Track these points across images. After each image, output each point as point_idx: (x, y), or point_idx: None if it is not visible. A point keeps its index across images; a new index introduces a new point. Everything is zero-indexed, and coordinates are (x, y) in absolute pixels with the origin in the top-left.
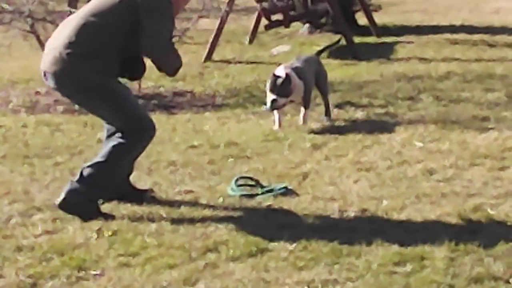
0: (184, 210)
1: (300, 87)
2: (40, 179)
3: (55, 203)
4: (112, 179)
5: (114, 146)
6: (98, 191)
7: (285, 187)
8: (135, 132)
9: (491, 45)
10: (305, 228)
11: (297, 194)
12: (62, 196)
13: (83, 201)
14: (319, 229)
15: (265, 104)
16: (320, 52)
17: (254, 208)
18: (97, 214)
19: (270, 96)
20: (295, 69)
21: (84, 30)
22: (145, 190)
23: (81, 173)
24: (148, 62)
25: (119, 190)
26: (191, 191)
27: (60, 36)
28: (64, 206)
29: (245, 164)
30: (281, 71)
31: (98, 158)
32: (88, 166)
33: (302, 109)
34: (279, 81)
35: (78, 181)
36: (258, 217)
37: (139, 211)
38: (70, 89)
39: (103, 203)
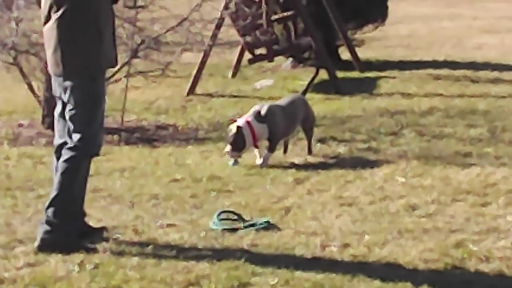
0: (166, 244)
1: (263, 132)
2: (22, 212)
3: (34, 245)
4: (75, 206)
5: (62, 174)
6: (69, 223)
7: (267, 222)
8: (87, 143)
9: (474, 81)
10: (287, 263)
11: (279, 229)
12: (38, 240)
13: (60, 237)
14: (301, 264)
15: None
16: (305, 91)
17: (236, 242)
18: (77, 245)
19: (226, 148)
20: (258, 116)
21: None
22: (101, 228)
23: (46, 214)
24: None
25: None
26: (173, 225)
27: None
28: (43, 247)
29: (227, 198)
30: (239, 121)
31: (53, 193)
32: (49, 206)
33: (265, 150)
34: (231, 135)
35: (47, 222)
36: (240, 251)
37: (121, 244)
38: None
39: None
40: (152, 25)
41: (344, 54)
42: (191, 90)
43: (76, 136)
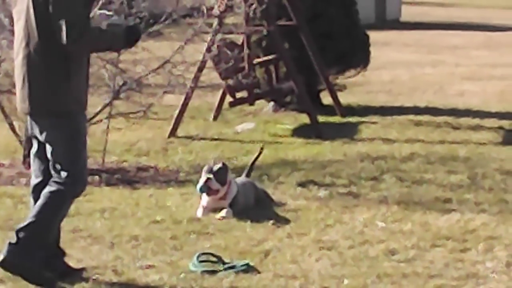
0: (145, 285)
1: (232, 189)
2: (3, 251)
3: None
4: (48, 238)
5: (45, 204)
6: (38, 251)
7: (247, 264)
8: (73, 181)
9: (455, 127)
10: None
11: (258, 271)
12: (2, 256)
13: (26, 263)
14: None
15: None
16: (249, 172)
17: (216, 284)
18: (40, 276)
19: (204, 176)
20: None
21: None
22: (81, 269)
23: (17, 236)
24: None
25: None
26: (153, 266)
27: None
28: (5, 265)
29: (207, 240)
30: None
31: (30, 219)
32: (22, 230)
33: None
34: (217, 166)
35: (16, 243)
36: None
37: (101, 285)
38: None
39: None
40: (134, 66)
41: (326, 98)
42: (173, 132)
43: (63, 174)
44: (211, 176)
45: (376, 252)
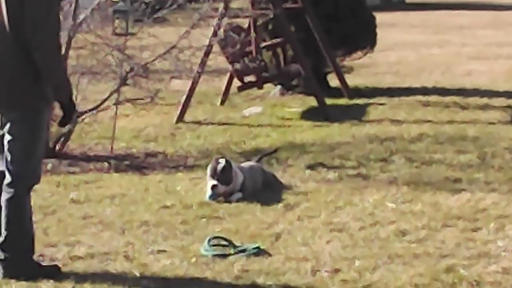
0: (157, 270)
1: (239, 178)
2: None
3: None
4: (28, 238)
5: (8, 214)
6: (26, 253)
7: (258, 247)
8: (24, 177)
9: (463, 107)
10: None
11: (269, 255)
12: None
13: (23, 271)
14: None
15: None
16: (260, 158)
17: (227, 268)
18: (46, 271)
19: (210, 182)
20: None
21: None
22: (54, 266)
23: (4, 254)
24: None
25: None
26: (164, 251)
27: None
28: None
29: (217, 224)
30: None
31: (4, 233)
32: (2, 245)
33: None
34: (220, 166)
35: (5, 259)
36: (231, 276)
37: (112, 271)
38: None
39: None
40: (141, 52)
41: (333, 81)
42: (180, 118)
43: (13, 170)
44: (216, 182)
45: (387, 233)
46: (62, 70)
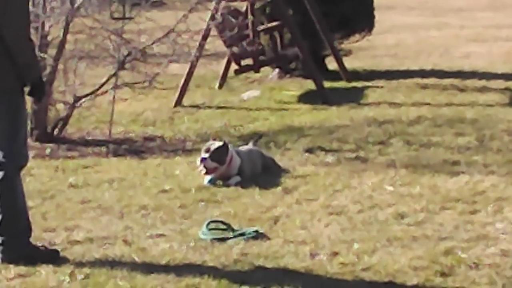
0: (156, 254)
1: (236, 162)
2: None
3: None
4: (23, 219)
5: (0, 196)
6: (23, 235)
7: (256, 231)
8: (13, 158)
9: (462, 90)
10: (277, 272)
11: (268, 238)
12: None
13: (22, 254)
14: (291, 273)
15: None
16: (256, 141)
17: (226, 252)
18: (45, 255)
19: (199, 157)
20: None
21: None
22: (53, 250)
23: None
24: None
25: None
26: (162, 235)
27: None
28: (5, 262)
29: (216, 208)
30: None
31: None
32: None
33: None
34: (215, 145)
35: (2, 243)
36: (229, 260)
37: (111, 255)
38: None
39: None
40: (138, 36)
41: (331, 64)
42: (178, 102)
43: (1, 152)
44: (206, 155)
45: (386, 216)
46: (31, 48)
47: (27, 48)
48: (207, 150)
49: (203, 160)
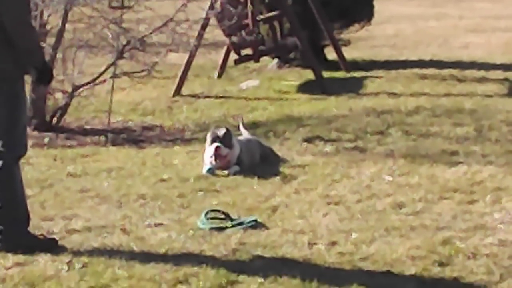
0: (154, 243)
1: (236, 151)
2: None
3: None
4: (22, 208)
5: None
6: (22, 225)
7: (255, 220)
8: (12, 147)
9: (460, 80)
10: (275, 261)
11: (266, 227)
12: None
13: (20, 243)
14: (289, 262)
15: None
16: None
17: (224, 241)
18: (43, 244)
19: (213, 145)
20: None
21: None
22: (51, 239)
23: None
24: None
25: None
26: (161, 224)
27: None
28: (4, 250)
29: (214, 197)
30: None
31: None
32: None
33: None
34: (222, 131)
35: (0, 232)
36: (228, 249)
37: (109, 244)
38: None
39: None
40: (137, 25)
41: (330, 54)
42: (177, 91)
43: (0, 142)
44: (219, 144)
45: (384, 206)
46: (33, 34)
47: (28, 34)
48: (216, 138)
49: (218, 148)
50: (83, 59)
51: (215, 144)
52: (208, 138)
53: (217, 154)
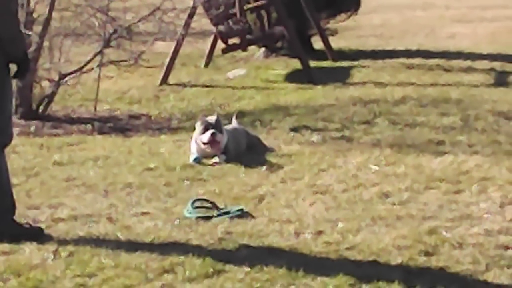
0: (140, 232)
1: (225, 138)
2: None
3: None
4: (8, 197)
5: None
6: (7, 214)
7: (241, 209)
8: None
9: (447, 70)
10: (261, 250)
11: (253, 217)
12: None
13: (4, 231)
14: (275, 251)
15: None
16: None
17: (210, 230)
18: (29, 233)
19: (208, 132)
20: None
21: None
22: (37, 228)
23: None
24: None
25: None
26: (147, 213)
27: None
28: None
29: (201, 186)
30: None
31: None
32: None
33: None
34: (213, 118)
35: None
36: (214, 238)
37: (95, 233)
38: None
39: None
40: (124, 14)
41: (317, 43)
42: (164, 80)
43: None
44: (215, 130)
45: (370, 195)
46: (15, 22)
47: (10, 23)
48: (209, 125)
49: (213, 134)
50: (69, 48)
51: (211, 131)
52: (199, 126)
53: (212, 140)
